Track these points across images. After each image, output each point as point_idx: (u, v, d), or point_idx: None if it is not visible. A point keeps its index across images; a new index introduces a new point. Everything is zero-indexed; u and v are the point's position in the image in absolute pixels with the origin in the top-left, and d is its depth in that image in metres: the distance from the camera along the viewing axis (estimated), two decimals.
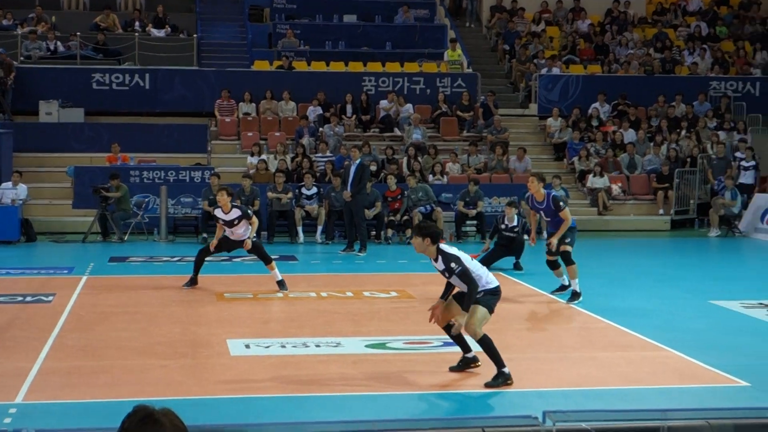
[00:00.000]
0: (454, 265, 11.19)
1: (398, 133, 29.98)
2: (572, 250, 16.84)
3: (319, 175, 26.50)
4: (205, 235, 24.11)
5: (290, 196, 25.15)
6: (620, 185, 28.44)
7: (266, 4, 35.24)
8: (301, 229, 24.91)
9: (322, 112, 30.01)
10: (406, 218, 25.08)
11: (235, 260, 20.73)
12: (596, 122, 31.04)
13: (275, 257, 18.02)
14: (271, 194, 25.07)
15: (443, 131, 30.53)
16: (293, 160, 27.46)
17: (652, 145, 29.68)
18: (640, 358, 12.76)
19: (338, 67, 32.42)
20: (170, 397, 10.32)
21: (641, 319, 15.13)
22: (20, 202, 24.29)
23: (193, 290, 17.29)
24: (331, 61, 32.69)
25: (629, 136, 30.14)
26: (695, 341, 13.55)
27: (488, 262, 19.06)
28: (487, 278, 11.42)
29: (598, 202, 27.65)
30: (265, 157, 27.45)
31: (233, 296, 16.91)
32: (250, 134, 29.30)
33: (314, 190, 25.39)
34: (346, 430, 7.89)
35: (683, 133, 30.44)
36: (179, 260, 21.29)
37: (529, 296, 17.36)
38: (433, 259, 11.39)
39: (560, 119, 30.77)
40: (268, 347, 12.96)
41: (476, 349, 11.68)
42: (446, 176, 27.53)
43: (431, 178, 27.19)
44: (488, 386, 11.12)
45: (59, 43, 31.44)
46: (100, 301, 16.38)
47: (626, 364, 12.40)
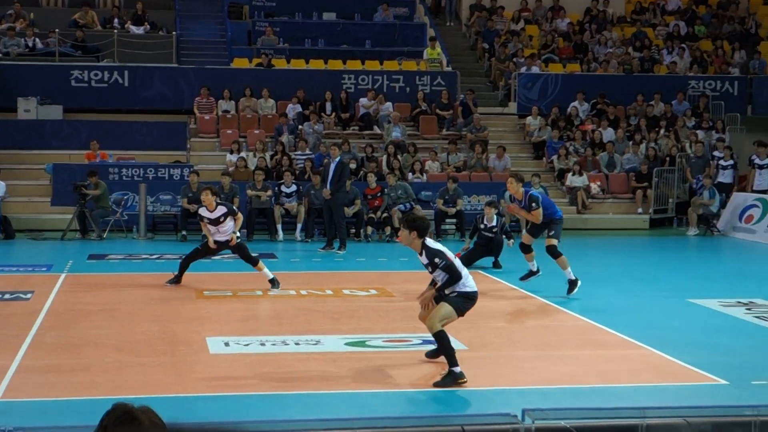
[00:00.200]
0: (438, 260, 11.23)
1: (378, 131, 29.97)
2: (557, 243, 17.02)
3: (298, 172, 26.46)
4: (184, 232, 24.07)
5: (270, 193, 25.13)
6: (599, 184, 28.50)
7: (245, 1, 35.13)
8: (280, 226, 24.89)
9: (301, 109, 29.97)
10: (386, 215, 25.10)
11: (214, 258, 20.68)
12: (577, 121, 31.09)
13: (254, 255, 17.95)
14: (250, 192, 25.04)
15: (423, 129, 30.54)
16: (273, 157, 27.42)
17: (631, 144, 29.75)
18: (618, 356, 12.80)
19: (318, 64, 32.37)
20: (149, 395, 10.30)
21: (620, 317, 15.18)
22: None
23: (172, 288, 17.25)
24: (310, 58, 32.63)
25: (608, 135, 30.19)
26: (674, 339, 13.59)
27: (468, 261, 19.17)
28: (465, 280, 11.43)
29: (577, 200, 27.71)
30: (244, 154, 27.40)
31: (213, 294, 16.88)
32: (229, 132, 29.24)
33: (294, 187, 25.37)
34: (325, 428, 7.90)
35: (662, 132, 30.53)
36: (158, 258, 21.24)
37: (508, 294, 17.38)
38: (418, 252, 11.42)
39: (539, 118, 30.81)
40: (247, 345, 12.94)
41: (459, 346, 11.70)
42: (426, 174, 27.54)
43: (411, 176, 27.19)
44: (437, 385, 11.06)
45: (38, 39, 31.29)
46: (78, 298, 16.33)
47: (605, 362, 12.44)
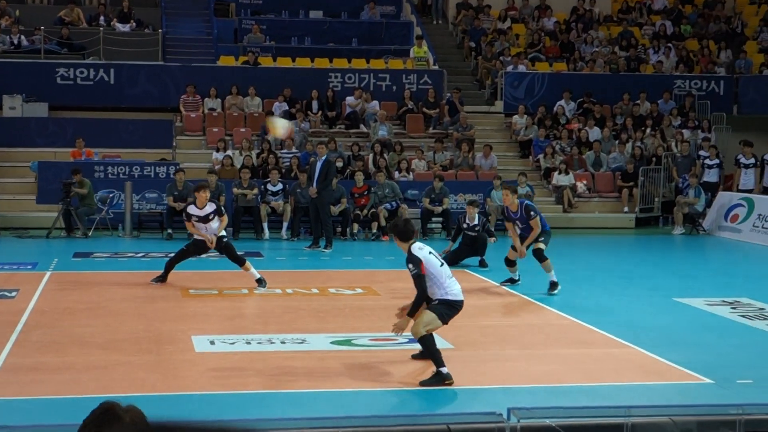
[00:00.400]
0: (411, 267, 11.28)
1: (364, 129, 29.96)
2: (544, 248, 17.08)
3: (284, 171, 26.43)
4: (170, 230, 24.01)
5: (256, 192, 25.09)
6: (585, 183, 28.53)
7: None
8: (266, 225, 24.85)
9: (287, 108, 29.93)
10: (373, 211, 25.05)
11: (200, 256, 20.65)
12: (564, 120, 31.12)
13: (240, 254, 17.93)
14: (236, 190, 24.99)
15: (409, 128, 30.53)
16: (259, 156, 27.38)
17: (617, 143, 29.80)
18: (604, 355, 12.83)
19: (304, 63, 32.33)
20: (134, 393, 10.27)
21: (605, 316, 15.21)
22: None
23: (158, 286, 17.21)
24: (296, 57, 32.57)
25: (594, 134, 30.24)
26: (659, 338, 13.62)
27: (454, 261, 19.29)
28: (449, 288, 11.38)
29: (563, 199, 27.74)
30: (230, 152, 27.36)
31: (198, 292, 16.85)
32: (215, 130, 29.19)
33: (280, 186, 25.33)
34: (311, 426, 7.89)
35: (648, 131, 30.59)
36: (144, 256, 21.20)
37: (494, 293, 17.37)
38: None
39: (526, 117, 30.82)
40: (233, 344, 12.93)
41: (445, 345, 11.70)
42: (412, 173, 27.54)
43: (397, 174, 27.18)
44: (423, 384, 11.08)
45: (23, 37, 31.18)
46: (64, 296, 16.29)
47: (591, 361, 12.46)
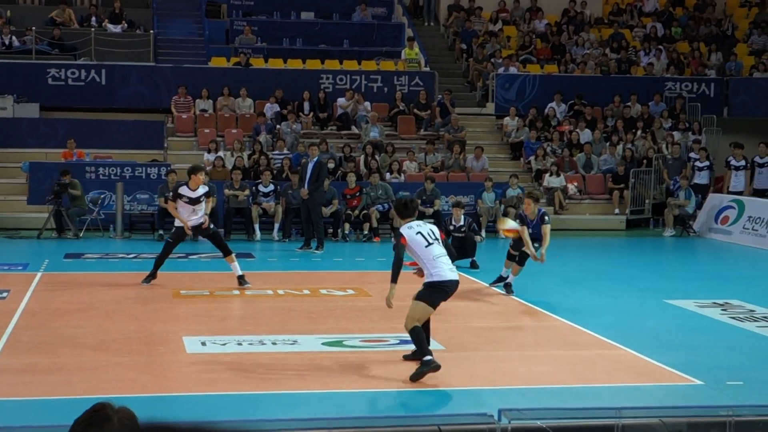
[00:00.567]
0: (394, 239, 11.55)
1: (355, 131, 29.95)
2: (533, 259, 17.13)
3: (276, 172, 26.42)
4: (161, 232, 23.98)
5: (247, 193, 25.09)
6: (576, 185, 28.56)
7: (223, 0, 35.10)
8: (258, 226, 24.84)
9: (279, 109, 29.93)
10: (365, 212, 25.06)
11: (191, 257, 20.68)
12: (555, 122, 31.16)
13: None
14: (228, 191, 24.98)
15: (400, 129, 30.55)
16: (250, 157, 27.37)
17: (608, 145, 29.84)
18: (595, 356, 12.85)
19: (296, 64, 32.32)
20: (125, 394, 10.27)
21: (596, 317, 15.24)
22: None
23: (149, 287, 17.18)
24: (288, 58, 32.56)
25: (585, 136, 30.27)
26: (649, 340, 13.66)
27: None
28: (434, 269, 11.46)
29: (554, 201, 27.76)
30: (221, 154, 27.35)
31: (189, 293, 16.84)
32: (206, 131, 29.17)
33: (271, 187, 25.33)
34: (302, 428, 7.90)
35: (639, 133, 30.64)
36: (135, 257, 21.18)
37: (485, 294, 17.40)
38: None
39: (517, 118, 30.84)
40: (224, 345, 12.94)
41: (437, 347, 11.72)
42: (403, 174, 27.54)
43: (388, 176, 27.19)
44: (413, 378, 11.10)
45: (14, 37, 31.13)
46: (55, 297, 16.26)
47: (581, 362, 12.48)
